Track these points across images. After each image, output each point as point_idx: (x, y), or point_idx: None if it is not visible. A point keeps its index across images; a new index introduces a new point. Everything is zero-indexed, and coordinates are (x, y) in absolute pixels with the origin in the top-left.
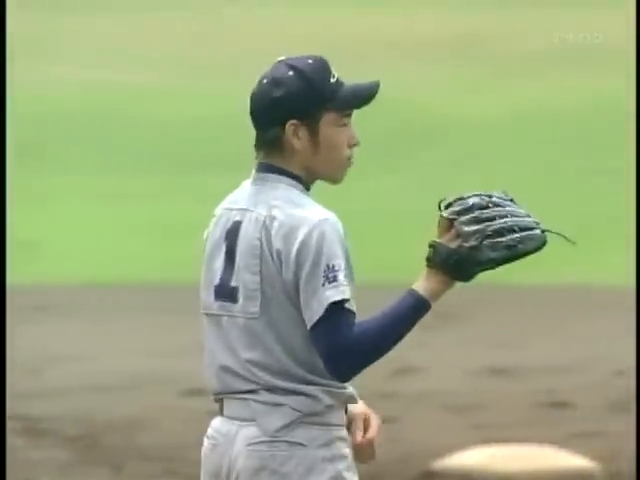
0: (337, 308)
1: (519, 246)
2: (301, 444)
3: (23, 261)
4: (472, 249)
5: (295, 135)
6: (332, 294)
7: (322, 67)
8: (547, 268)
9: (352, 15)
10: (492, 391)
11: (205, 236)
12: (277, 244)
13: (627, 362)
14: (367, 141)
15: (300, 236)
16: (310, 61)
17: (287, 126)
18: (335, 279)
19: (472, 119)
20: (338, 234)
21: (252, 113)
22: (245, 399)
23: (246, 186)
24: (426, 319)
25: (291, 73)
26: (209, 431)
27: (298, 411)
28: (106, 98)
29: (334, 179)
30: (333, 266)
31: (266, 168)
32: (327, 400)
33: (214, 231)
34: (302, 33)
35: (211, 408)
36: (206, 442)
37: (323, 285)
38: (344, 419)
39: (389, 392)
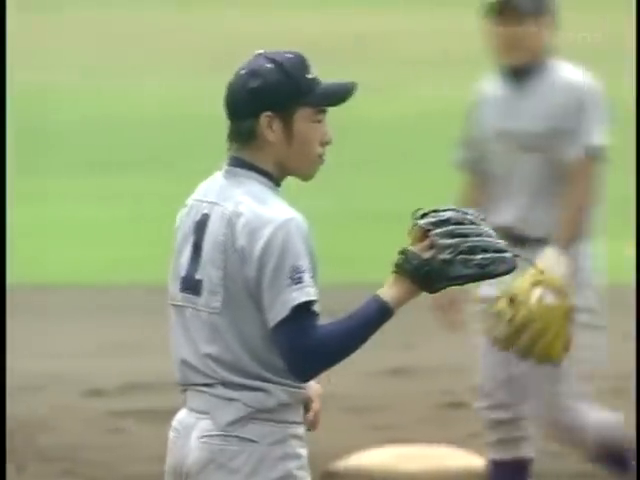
0: (302, 310)
1: (490, 266)
2: (252, 440)
3: None
4: (444, 262)
5: (269, 127)
6: (297, 295)
7: (300, 62)
8: None
9: (257, 14)
10: (390, 392)
11: (176, 225)
12: (241, 241)
13: None
14: None
15: (265, 235)
16: (289, 55)
17: (262, 117)
18: (300, 280)
19: (374, 120)
20: (303, 234)
21: (227, 103)
22: (203, 392)
23: (217, 178)
24: (325, 321)
25: (269, 65)
26: (174, 423)
27: (250, 407)
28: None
29: (305, 175)
30: (298, 267)
31: (237, 162)
32: (282, 397)
33: (185, 222)
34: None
35: (111, 408)
36: (170, 434)
37: (288, 286)
38: (301, 417)
39: None
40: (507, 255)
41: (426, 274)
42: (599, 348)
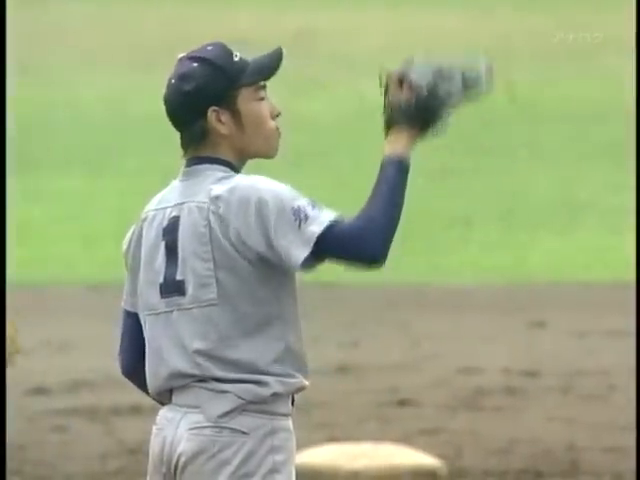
0: (326, 233)
1: (475, 79)
2: (243, 432)
3: None
4: (430, 94)
5: (219, 121)
6: (314, 229)
7: (222, 49)
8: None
9: (192, 13)
10: (334, 390)
11: (126, 244)
12: (233, 223)
13: (471, 360)
14: None
15: (253, 202)
16: (209, 47)
17: (209, 114)
18: (307, 217)
19: (312, 117)
20: (278, 183)
21: (170, 115)
22: (193, 387)
23: (175, 185)
24: None
25: (195, 64)
26: (157, 418)
27: (242, 398)
28: None
29: (268, 153)
30: (298, 207)
31: (197, 160)
32: (276, 388)
33: (147, 233)
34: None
35: (54, 407)
36: (153, 429)
37: (299, 227)
38: (290, 409)
39: None
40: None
41: (417, 110)
42: None
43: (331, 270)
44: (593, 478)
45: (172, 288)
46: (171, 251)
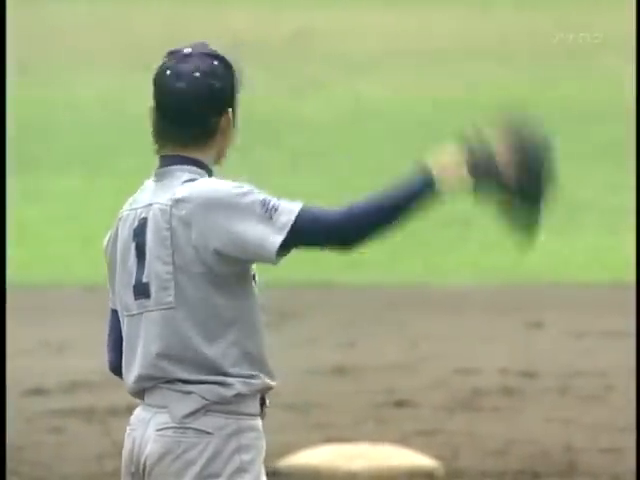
0: (297, 220)
1: (536, 205)
2: (207, 432)
3: None
4: (502, 172)
5: (229, 123)
6: (287, 218)
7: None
8: (379, 267)
9: (190, 12)
10: (332, 390)
11: (106, 242)
12: (198, 224)
13: (469, 360)
14: None
15: (218, 201)
16: (212, 48)
17: (226, 115)
18: (276, 208)
19: (310, 118)
20: (241, 183)
21: (182, 107)
22: (161, 387)
23: (148, 184)
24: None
25: (216, 62)
26: (130, 419)
27: (206, 399)
28: None
29: (222, 160)
30: (264, 200)
31: (170, 160)
32: (239, 388)
33: (122, 233)
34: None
35: (52, 408)
36: (127, 428)
37: (271, 218)
38: (257, 409)
39: None
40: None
41: (480, 165)
42: None
43: (328, 270)
44: (591, 479)
45: (141, 290)
46: (140, 253)
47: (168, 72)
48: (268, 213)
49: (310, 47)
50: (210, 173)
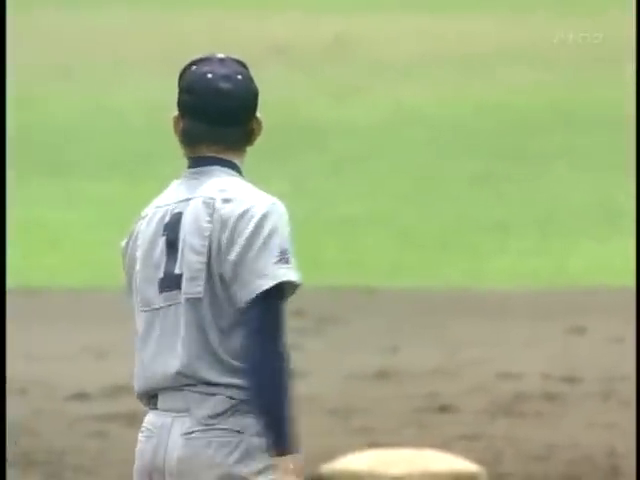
0: (284, 292)
1: None
2: (237, 431)
3: None
4: None
5: (260, 128)
6: (286, 272)
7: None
8: (421, 272)
9: (230, 19)
10: (374, 395)
11: (124, 244)
12: (230, 224)
13: (510, 365)
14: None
15: (256, 215)
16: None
17: (258, 118)
18: (288, 261)
19: (351, 123)
20: (287, 220)
21: (232, 108)
22: (181, 391)
23: (179, 184)
24: (302, 323)
25: (245, 70)
26: (143, 426)
27: (233, 399)
28: None
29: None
30: (287, 249)
31: (205, 162)
32: None
33: (146, 230)
34: (175, 36)
35: (94, 412)
36: (140, 436)
37: (276, 263)
38: None
39: None
40: None
41: None
42: None
43: (370, 275)
44: None
45: (171, 282)
46: (171, 246)
47: (210, 75)
48: (278, 258)
49: (350, 52)
50: (242, 177)
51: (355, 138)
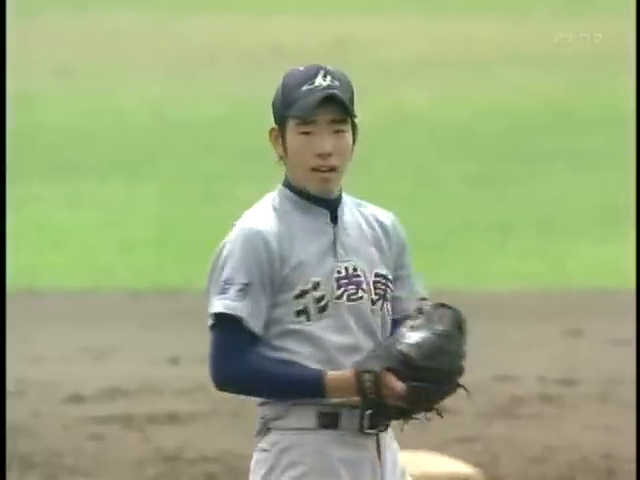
0: (224, 322)
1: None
2: (265, 449)
3: None
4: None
5: (276, 141)
6: (217, 305)
7: (302, 74)
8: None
9: (232, 21)
10: None
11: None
12: None
13: (508, 367)
14: (231, 150)
15: (220, 245)
16: (300, 68)
17: (270, 131)
18: (225, 291)
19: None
20: (254, 247)
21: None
22: None
23: None
24: None
25: (280, 80)
26: None
27: (267, 417)
28: None
29: (313, 190)
30: (229, 279)
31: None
32: (288, 404)
33: None
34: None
35: (91, 414)
36: None
37: (214, 294)
38: (312, 422)
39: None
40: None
41: (371, 401)
42: None
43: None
44: None
45: None
46: None
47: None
48: (218, 288)
49: (351, 54)
50: (304, 196)
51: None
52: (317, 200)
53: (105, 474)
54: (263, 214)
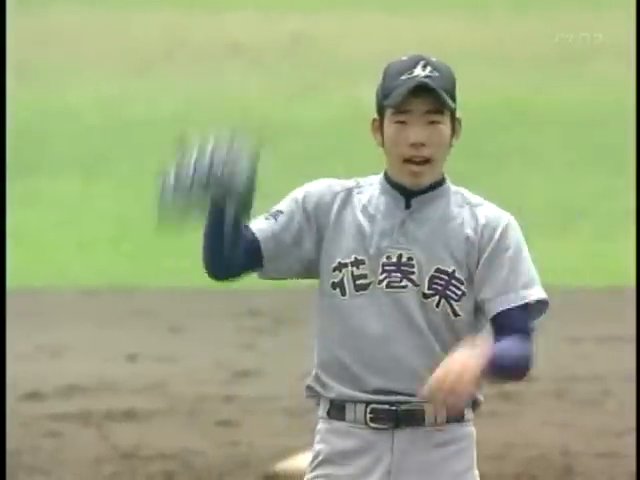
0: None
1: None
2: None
3: None
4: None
5: (376, 131)
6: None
7: (403, 63)
8: None
9: (187, 18)
10: None
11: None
12: None
13: None
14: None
15: None
16: (403, 57)
17: (371, 121)
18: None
19: (307, 122)
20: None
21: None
22: None
23: None
24: (259, 323)
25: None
26: None
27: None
28: None
29: (401, 181)
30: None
31: None
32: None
33: None
34: (130, 35)
35: (48, 412)
36: None
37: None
38: (323, 412)
39: (228, 395)
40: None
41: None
42: None
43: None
44: None
45: None
46: None
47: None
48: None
49: (308, 51)
50: (393, 185)
51: (311, 137)
52: (398, 186)
53: (63, 472)
54: (361, 179)
